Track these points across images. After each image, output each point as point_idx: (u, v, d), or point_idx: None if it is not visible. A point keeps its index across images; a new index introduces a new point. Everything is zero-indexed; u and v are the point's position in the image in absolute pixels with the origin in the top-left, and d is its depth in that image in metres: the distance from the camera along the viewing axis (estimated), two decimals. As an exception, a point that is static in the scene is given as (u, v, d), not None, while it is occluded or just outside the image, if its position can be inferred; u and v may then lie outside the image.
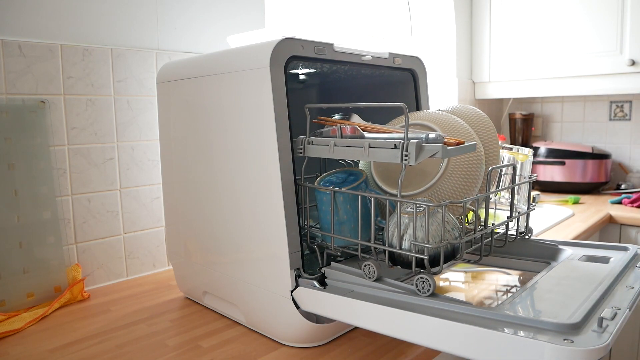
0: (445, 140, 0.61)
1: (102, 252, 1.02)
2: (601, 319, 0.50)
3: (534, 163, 2.02)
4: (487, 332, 0.51)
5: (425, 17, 2.08)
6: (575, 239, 1.34)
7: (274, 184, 0.68)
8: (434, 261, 0.61)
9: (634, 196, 1.75)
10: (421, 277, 0.59)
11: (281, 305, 0.70)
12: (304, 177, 0.72)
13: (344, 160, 0.89)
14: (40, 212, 0.92)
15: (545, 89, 1.95)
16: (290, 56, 0.68)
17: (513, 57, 2.01)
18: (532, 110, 2.33)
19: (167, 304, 0.90)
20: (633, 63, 1.71)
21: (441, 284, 0.85)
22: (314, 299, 0.67)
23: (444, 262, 0.61)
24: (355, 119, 0.78)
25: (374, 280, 0.63)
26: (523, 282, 0.81)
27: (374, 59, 0.82)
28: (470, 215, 0.80)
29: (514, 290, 0.81)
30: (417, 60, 0.92)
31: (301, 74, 0.97)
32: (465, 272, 0.91)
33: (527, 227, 0.82)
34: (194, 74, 0.81)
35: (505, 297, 0.78)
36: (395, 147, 0.60)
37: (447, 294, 0.68)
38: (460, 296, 0.80)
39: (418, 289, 0.59)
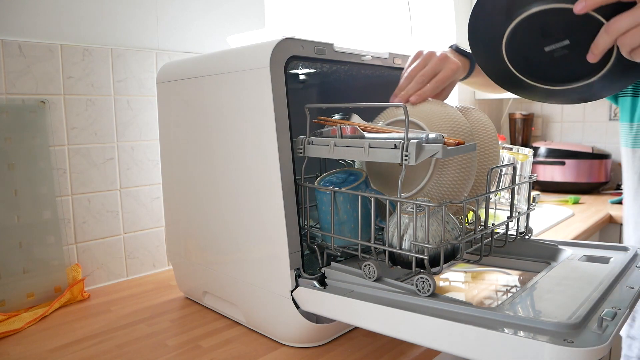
0: (446, 140, 0.61)
1: (102, 252, 1.02)
2: (601, 319, 0.50)
3: (534, 163, 2.02)
4: (487, 332, 0.51)
5: (425, 17, 2.08)
6: (575, 239, 1.34)
7: (274, 184, 0.68)
8: (434, 261, 0.61)
9: (634, 196, 1.75)
10: (421, 277, 0.59)
11: (281, 305, 0.70)
12: (304, 177, 0.72)
13: (344, 160, 0.89)
14: (40, 212, 0.92)
15: (545, 89, 1.94)
16: (290, 56, 0.68)
17: (513, 57, 2.00)
18: (532, 110, 2.33)
19: (167, 304, 0.90)
20: (633, 63, 1.71)
21: (441, 284, 0.86)
22: (314, 299, 0.67)
23: (444, 262, 0.61)
24: (355, 119, 0.78)
25: (374, 280, 0.63)
26: (523, 282, 0.81)
27: (373, 59, 0.82)
28: (471, 215, 0.80)
29: (514, 290, 0.81)
30: (417, 60, 0.92)
31: (301, 74, 0.97)
32: (466, 272, 0.91)
33: (527, 227, 0.82)
34: (194, 74, 0.81)
35: (505, 297, 0.78)
36: (395, 147, 0.60)
37: (447, 294, 0.68)
38: (461, 296, 0.80)
39: (418, 289, 0.59)
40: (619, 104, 1.03)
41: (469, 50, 0.80)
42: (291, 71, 0.91)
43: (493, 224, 0.70)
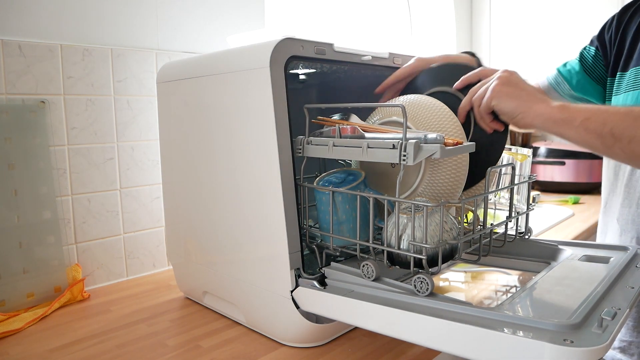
0: (445, 140, 0.61)
1: (102, 252, 1.02)
2: (601, 319, 0.50)
3: (534, 163, 2.02)
4: (486, 332, 0.51)
5: (425, 16, 2.08)
6: (575, 239, 1.34)
7: (274, 184, 0.68)
8: (432, 261, 0.61)
9: (634, 196, 1.75)
10: (419, 277, 0.59)
11: (281, 305, 0.70)
12: (303, 177, 0.72)
13: (344, 160, 0.89)
14: (40, 212, 0.92)
15: (546, 88, 1.94)
16: (290, 56, 0.68)
17: (513, 57, 2.01)
18: (532, 110, 2.32)
19: (167, 304, 0.90)
20: (633, 63, 1.71)
21: (441, 284, 0.86)
22: (314, 299, 0.67)
23: (443, 262, 0.61)
24: (354, 119, 0.78)
25: (373, 280, 0.63)
26: (523, 282, 0.81)
27: (373, 58, 0.82)
28: (470, 215, 0.80)
29: (513, 290, 0.81)
30: (417, 60, 0.92)
31: (301, 74, 0.97)
32: (465, 272, 0.91)
33: (526, 227, 0.82)
34: (193, 74, 0.81)
35: (505, 297, 0.78)
36: (394, 147, 0.60)
37: (447, 294, 0.68)
38: (460, 296, 0.80)
39: (417, 289, 0.59)
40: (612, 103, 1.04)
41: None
42: (291, 71, 0.91)
43: (492, 224, 0.70)
